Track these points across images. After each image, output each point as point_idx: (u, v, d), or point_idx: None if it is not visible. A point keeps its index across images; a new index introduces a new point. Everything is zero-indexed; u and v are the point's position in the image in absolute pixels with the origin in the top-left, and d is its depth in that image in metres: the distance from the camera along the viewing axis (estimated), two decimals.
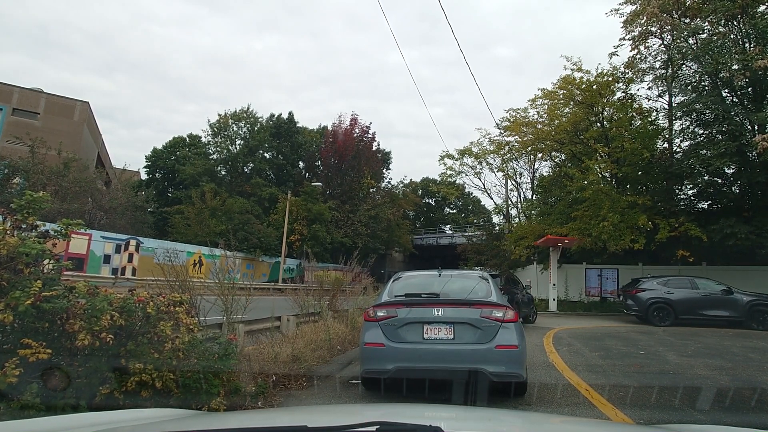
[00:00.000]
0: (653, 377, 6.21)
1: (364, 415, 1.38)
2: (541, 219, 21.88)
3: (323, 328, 8.06)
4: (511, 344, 4.49)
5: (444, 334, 4.61)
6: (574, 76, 19.99)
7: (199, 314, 6.57)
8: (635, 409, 4.52)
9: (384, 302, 5.02)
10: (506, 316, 4.61)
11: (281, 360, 5.56)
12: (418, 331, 4.64)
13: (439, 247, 48.39)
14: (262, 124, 40.64)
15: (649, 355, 8.08)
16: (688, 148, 17.86)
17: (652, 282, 14.81)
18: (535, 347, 8.83)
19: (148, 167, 41.71)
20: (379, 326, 4.75)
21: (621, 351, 8.59)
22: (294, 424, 1.60)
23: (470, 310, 4.66)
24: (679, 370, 6.68)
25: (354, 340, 8.10)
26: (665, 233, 16.06)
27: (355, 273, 10.69)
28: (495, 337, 4.49)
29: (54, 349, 2.54)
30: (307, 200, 35.72)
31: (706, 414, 4.46)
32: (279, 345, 6.17)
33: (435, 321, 4.66)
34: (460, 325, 4.61)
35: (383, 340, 4.66)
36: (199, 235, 28.28)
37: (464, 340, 4.56)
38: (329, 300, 10.24)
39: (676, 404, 4.78)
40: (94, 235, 20.43)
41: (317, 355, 6.23)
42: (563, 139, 19.88)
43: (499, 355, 4.44)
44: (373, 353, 4.69)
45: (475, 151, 27.03)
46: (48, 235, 3.00)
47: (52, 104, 31.00)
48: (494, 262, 26.70)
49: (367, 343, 4.75)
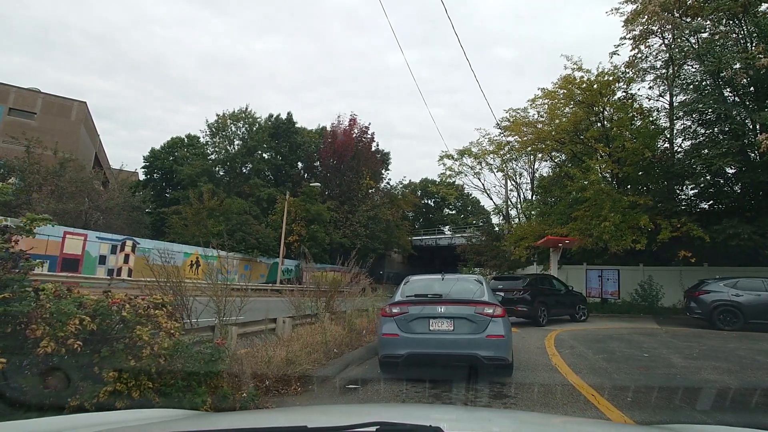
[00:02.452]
0: (659, 379, 6.02)
1: (364, 416, 1.38)
2: (542, 219, 21.68)
3: (319, 330, 7.87)
4: (499, 334, 5.59)
5: (446, 326, 5.71)
6: (575, 75, 19.81)
7: (191, 316, 6.41)
8: (642, 412, 4.34)
9: (397, 301, 6.15)
10: (495, 312, 5.72)
11: (275, 363, 5.36)
12: (425, 324, 5.75)
13: (438, 248, 48.18)
14: (261, 125, 40.42)
15: (653, 357, 7.90)
16: (690, 147, 17.70)
17: (717, 284, 13.97)
18: (536, 350, 8.64)
19: (146, 168, 41.52)
20: (393, 320, 5.86)
21: (625, 353, 8.40)
22: (294, 424, 1.61)
23: (466, 308, 5.77)
24: (685, 372, 6.49)
25: (351, 343, 7.91)
26: (667, 233, 15.86)
27: (353, 274, 10.49)
28: (486, 328, 5.60)
29: (17, 356, 2.33)
30: (306, 201, 35.51)
31: (717, 418, 4.28)
32: (273, 348, 5.98)
33: (438, 316, 5.76)
34: (458, 319, 5.70)
35: (397, 331, 5.76)
36: (196, 235, 28.02)
37: (462, 331, 5.65)
38: (326, 301, 10.06)
39: (683, 406, 4.59)
40: (90, 236, 20.19)
41: (313, 359, 6.03)
42: (563, 138, 19.68)
43: (489, 343, 5.54)
44: (389, 342, 5.81)
45: (475, 152, 26.82)
46: (8, 230, 2.78)
47: (49, 104, 30.79)
48: (494, 263, 26.50)
49: (384, 334, 5.88)
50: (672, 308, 19.14)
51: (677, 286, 19.72)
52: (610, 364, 7.26)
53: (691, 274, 19.66)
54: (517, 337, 10.66)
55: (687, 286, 20.05)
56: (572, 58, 20.03)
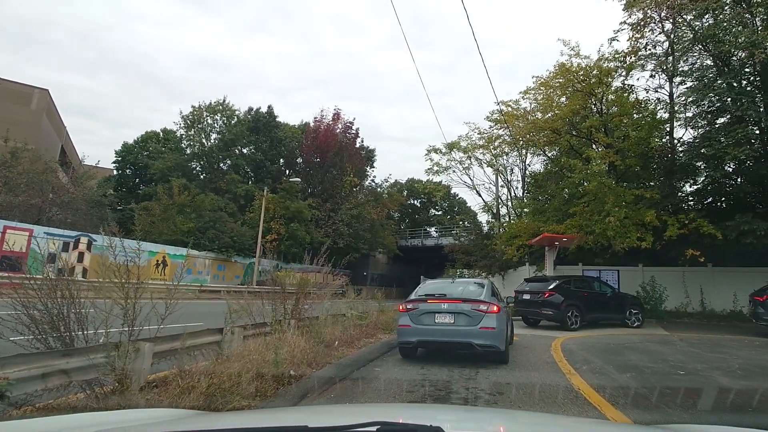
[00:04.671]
0: (727, 411, 4.48)
1: (365, 415, 1.33)
2: (536, 216, 20.21)
3: (275, 344, 6.20)
4: (491, 326, 6.73)
5: (448, 319, 6.91)
6: (572, 62, 18.49)
7: (86, 327, 4.65)
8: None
9: (411, 299, 7.49)
10: (489, 309, 6.83)
11: (190, 399, 3.67)
12: (432, 318, 6.98)
13: (425, 248, 46.57)
14: (239, 118, 38.41)
15: (691, 375, 6.39)
16: (697, 138, 16.39)
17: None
18: (546, 366, 7.05)
19: (117, 163, 39.09)
20: (407, 314, 7.16)
21: (653, 369, 6.87)
22: (294, 424, 1.60)
23: (465, 305, 6.94)
24: (747, 398, 4.97)
25: (317, 360, 6.22)
26: (674, 230, 14.52)
27: (324, 273, 8.81)
28: (480, 321, 6.75)
29: None
30: (285, 197, 33.60)
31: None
32: (198, 376, 4.27)
33: (442, 311, 6.97)
34: (458, 314, 6.88)
35: (410, 323, 7.08)
36: (164, 233, 25.99)
37: (460, 324, 6.84)
38: (293, 306, 8.36)
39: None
40: (37, 231, 17.98)
41: (253, 389, 4.32)
42: (560, 128, 18.26)
43: (482, 333, 6.69)
44: (404, 331, 7.15)
45: (464, 145, 25.39)
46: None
47: (6, 91, 28.36)
48: (484, 263, 24.98)
49: (400, 325, 7.25)
50: (676, 312, 17.85)
51: (680, 287, 18.47)
52: (643, 385, 5.71)
53: (694, 275, 18.43)
54: (517, 346, 9.12)
55: (690, 287, 18.90)
56: (569, 43, 18.74)
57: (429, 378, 6.02)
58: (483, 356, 6.88)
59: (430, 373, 6.36)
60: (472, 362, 6.95)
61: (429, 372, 6.44)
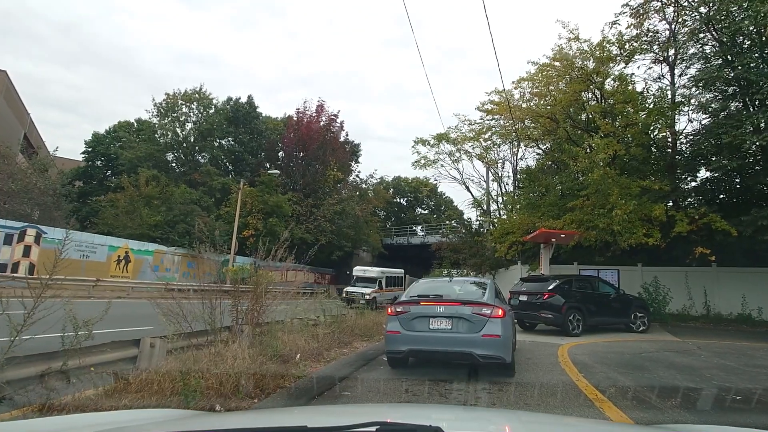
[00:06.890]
0: None
1: (364, 416, 1.30)
2: (530, 212, 18.82)
3: (216, 359, 4.63)
4: (495, 334, 5.72)
5: (444, 325, 5.92)
6: (571, 45, 17.16)
7: None
8: None
9: (401, 300, 6.51)
10: (492, 313, 5.84)
11: None
12: (426, 323, 5.98)
13: (411, 246, 45.05)
14: (217, 108, 36.39)
15: (749, 400, 4.97)
16: (704, 127, 15.15)
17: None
18: (563, 388, 5.54)
19: (87, 153, 36.67)
20: (397, 319, 6.16)
21: (699, 393, 5.43)
22: (294, 424, 1.57)
23: (464, 308, 5.95)
24: None
25: (264, 383, 4.61)
26: (684, 226, 13.24)
27: (284, 269, 7.23)
28: (483, 328, 5.75)
29: None
30: (264, 191, 31.75)
31: None
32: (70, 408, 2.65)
33: (438, 315, 5.99)
34: (456, 318, 5.91)
35: (399, 329, 6.08)
36: (129, 227, 23.99)
37: (459, 330, 5.85)
38: (250, 308, 6.74)
39: None
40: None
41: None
42: (557, 114, 16.87)
43: (485, 342, 5.70)
44: (392, 338, 6.15)
45: (453, 137, 23.93)
46: None
47: None
48: (474, 261, 23.55)
49: (388, 331, 6.25)
50: (679, 314, 16.62)
51: (682, 289, 17.25)
52: (704, 420, 4.26)
53: (698, 276, 17.22)
54: (519, 356, 7.65)
55: (693, 288, 17.71)
56: (568, 25, 17.37)
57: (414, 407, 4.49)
58: (485, 369, 5.94)
59: (417, 400, 4.83)
60: (473, 377, 5.81)
61: (416, 398, 4.91)
